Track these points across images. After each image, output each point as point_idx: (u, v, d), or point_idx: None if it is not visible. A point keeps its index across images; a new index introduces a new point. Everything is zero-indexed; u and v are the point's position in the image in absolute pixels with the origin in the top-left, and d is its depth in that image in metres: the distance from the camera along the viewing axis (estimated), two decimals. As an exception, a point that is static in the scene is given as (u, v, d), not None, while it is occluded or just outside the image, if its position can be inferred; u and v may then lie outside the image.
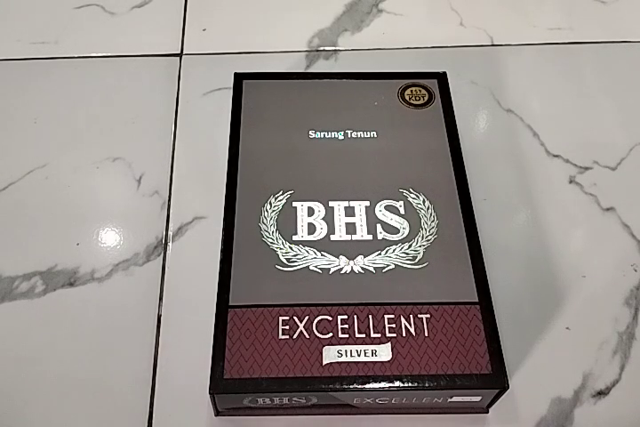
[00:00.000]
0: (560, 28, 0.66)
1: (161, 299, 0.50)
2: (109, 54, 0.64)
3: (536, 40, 0.65)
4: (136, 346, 0.48)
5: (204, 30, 0.66)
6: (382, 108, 0.53)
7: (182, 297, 0.50)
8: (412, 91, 0.54)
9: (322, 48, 0.65)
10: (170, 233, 0.53)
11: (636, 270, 0.51)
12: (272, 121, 0.52)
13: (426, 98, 0.53)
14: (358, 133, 0.51)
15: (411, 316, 0.42)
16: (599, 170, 0.56)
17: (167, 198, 0.55)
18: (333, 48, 0.65)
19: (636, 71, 0.63)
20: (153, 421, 0.45)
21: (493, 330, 0.42)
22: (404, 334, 0.41)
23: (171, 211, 0.54)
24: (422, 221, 0.47)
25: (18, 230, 0.53)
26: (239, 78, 0.55)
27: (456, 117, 0.52)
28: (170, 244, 0.52)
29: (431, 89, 0.54)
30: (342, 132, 0.51)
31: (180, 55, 0.64)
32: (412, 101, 0.53)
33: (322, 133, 0.51)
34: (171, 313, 0.50)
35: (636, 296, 0.50)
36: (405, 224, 0.46)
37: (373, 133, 0.51)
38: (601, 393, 0.46)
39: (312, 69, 0.63)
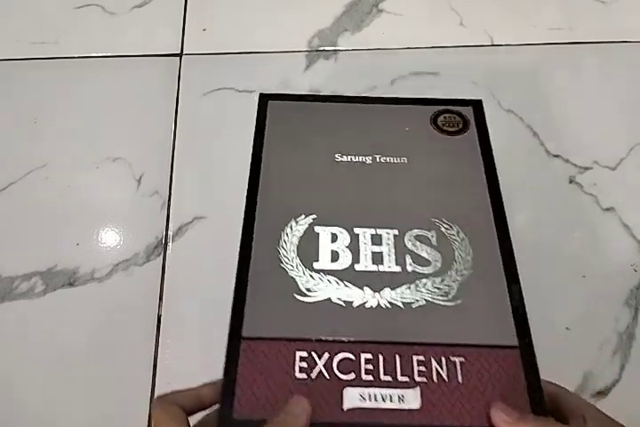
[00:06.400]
0: (560, 27, 0.66)
1: (161, 299, 0.50)
2: (109, 54, 0.64)
3: (536, 40, 0.65)
4: (136, 346, 0.48)
5: (203, 30, 0.66)
6: (414, 133, 0.50)
7: (182, 297, 0.50)
8: (445, 117, 0.51)
9: (322, 48, 0.65)
10: (170, 233, 0.53)
11: (635, 271, 0.51)
12: (296, 143, 0.49)
13: (460, 125, 0.50)
14: (387, 159, 0.48)
15: (442, 358, 0.38)
16: (599, 170, 0.56)
17: (167, 198, 0.55)
18: (333, 48, 0.65)
19: (636, 71, 0.63)
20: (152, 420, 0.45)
21: (535, 379, 0.38)
22: (434, 379, 0.37)
23: (171, 211, 0.54)
24: (456, 253, 0.43)
25: (18, 230, 0.53)
26: (264, 99, 0.52)
27: None
28: (170, 244, 0.52)
29: (466, 116, 0.51)
30: (370, 157, 0.48)
31: (180, 55, 0.64)
32: (445, 128, 0.50)
33: (349, 157, 0.48)
34: (170, 313, 0.50)
35: (636, 296, 0.50)
36: (437, 256, 0.43)
37: (404, 159, 0.48)
38: (601, 393, 0.46)
39: (312, 69, 0.63)
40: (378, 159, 0.48)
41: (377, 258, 0.43)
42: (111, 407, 0.47)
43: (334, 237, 0.44)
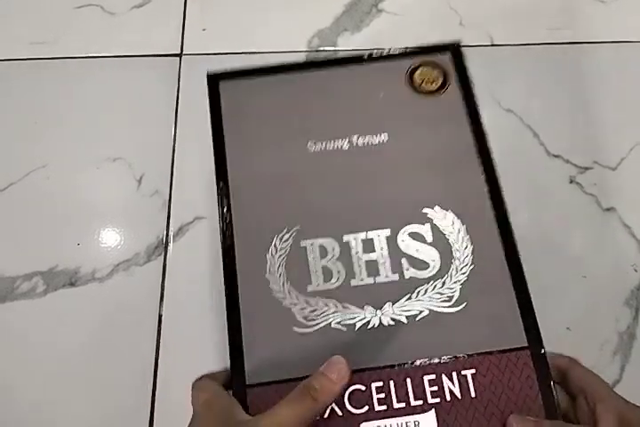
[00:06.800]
0: (560, 28, 0.66)
1: (162, 299, 0.50)
2: (109, 54, 0.64)
3: (536, 40, 0.65)
4: (137, 346, 0.48)
5: (203, 30, 0.66)
6: (389, 99, 0.43)
7: (183, 297, 0.50)
8: (421, 72, 0.44)
9: (322, 48, 0.64)
10: (170, 233, 0.53)
11: (636, 271, 0.51)
12: (262, 134, 0.43)
13: (439, 81, 0.44)
14: (366, 138, 0.42)
15: (454, 373, 0.36)
16: (599, 170, 0.56)
17: (167, 198, 0.55)
18: (333, 48, 0.64)
19: (636, 71, 0.63)
20: (154, 420, 0.45)
21: (547, 380, 0.36)
22: (448, 398, 0.36)
23: (171, 211, 0.54)
24: (454, 248, 0.39)
25: (18, 231, 0.53)
26: (214, 80, 0.45)
27: None
28: (170, 244, 0.52)
29: (445, 67, 0.44)
30: (347, 140, 0.42)
31: (179, 55, 0.64)
32: (423, 87, 0.43)
33: (322, 144, 0.42)
34: (171, 313, 0.50)
35: (637, 296, 0.50)
36: (435, 255, 0.39)
37: (384, 136, 0.42)
38: (601, 393, 0.46)
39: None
40: (355, 142, 0.42)
41: (372, 268, 0.39)
42: (112, 407, 0.47)
43: (323, 251, 0.39)
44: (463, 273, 0.39)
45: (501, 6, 0.68)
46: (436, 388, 0.36)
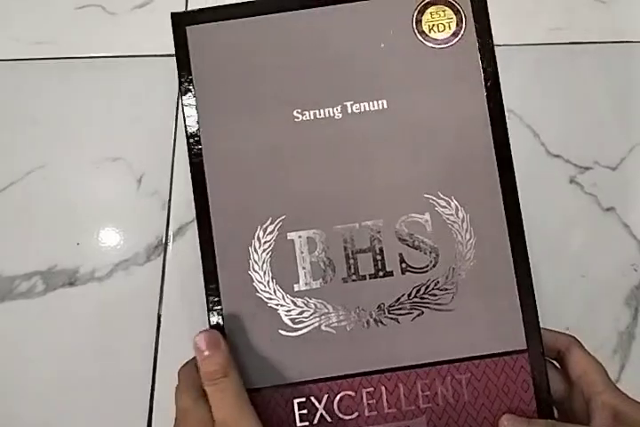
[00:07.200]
0: (560, 28, 0.66)
1: (161, 298, 0.50)
2: (110, 54, 0.64)
3: (536, 40, 0.65)
4: (136, 346, 0.48)
5: (204, 30, 0.66)
6: (392, 52, 0.37)
7: (182, 297, 0.50)
8: (432, 14, 0.37)
9: None
10: (170, 233, 0.53)
11: (636, 270, 0.51)
12: (243, 99, 0.37)
13: (452, 25, 0.37)
14: (361, 106, 0.36)
15: (447, 378, 0.35)
16: (599, 170, 0.56)
17: (167, 198, 0.55)
18: None
19: (636, 71, 0.63)
20: (153, 420, 0.45)
21: (543, 384, 0.35)
22: (439, 403, 0.35)
23: (171, 211, 0.54)
24: (456, 240, 0.36)
25: (18, 230, 0.53)
26: (180, 24, 0.38)
27: None
28: (170, 244, 0.52)
29: (459, 8, 0.37)
30: (339, 107, 0.36)
31: (180, 55, 0.64)
32: (433, 35, 0.37)
33: (311, 113, 0.36)
34: (171, 313, 0.50)
35: (636, 296, 0.50)
36: (434, 249, 0.36)
37: (382, 103, 0.36)
38: (601, 393, 0.46)
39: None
40: (349, 109, 0.36)
41: (364, 264, 0.36)
42: (111, 407, 0.47)
43: (312, 245, 0.36)
44: (464, 269, 0.35)
45: (501, 6, 0.68)
46: (428, 392, 0.35)
